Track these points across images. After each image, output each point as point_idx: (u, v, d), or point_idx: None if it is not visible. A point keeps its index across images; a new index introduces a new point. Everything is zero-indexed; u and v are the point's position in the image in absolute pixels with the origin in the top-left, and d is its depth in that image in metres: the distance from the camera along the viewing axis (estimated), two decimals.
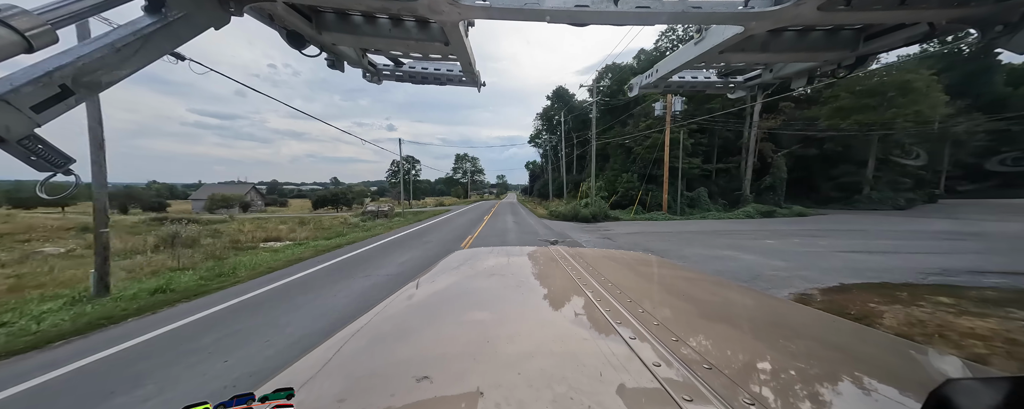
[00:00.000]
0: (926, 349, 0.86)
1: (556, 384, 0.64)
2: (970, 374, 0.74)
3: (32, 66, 0.76)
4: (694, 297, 1.33)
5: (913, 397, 0.62)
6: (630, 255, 2.08)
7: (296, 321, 4.75)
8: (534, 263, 1.69)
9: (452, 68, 1.95)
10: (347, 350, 0.88)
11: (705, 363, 0.69)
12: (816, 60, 1.61)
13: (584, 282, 1.29)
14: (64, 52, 0.81)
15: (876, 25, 1.39)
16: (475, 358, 0.76)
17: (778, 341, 0.91)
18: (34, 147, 0.78)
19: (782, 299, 1.26)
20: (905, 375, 0.77)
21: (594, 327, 0.91)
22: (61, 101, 0.79)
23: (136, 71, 0.93)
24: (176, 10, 0.96)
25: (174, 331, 4.53)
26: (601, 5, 1.18)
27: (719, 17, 1.22)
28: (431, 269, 1.66)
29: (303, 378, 0.74)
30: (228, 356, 3.72)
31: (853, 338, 0.97)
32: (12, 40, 0.72)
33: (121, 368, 3.57)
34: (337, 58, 1.65)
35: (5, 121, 0.71)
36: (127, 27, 0.90)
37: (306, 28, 1.33)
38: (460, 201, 53.07)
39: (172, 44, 0.98)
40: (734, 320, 1.10)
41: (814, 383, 0.70)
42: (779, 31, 1.45)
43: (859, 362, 0.82)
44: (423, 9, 1.16)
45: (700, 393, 0.60)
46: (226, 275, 7.56)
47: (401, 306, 1.18)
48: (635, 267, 1.74)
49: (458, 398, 0.62)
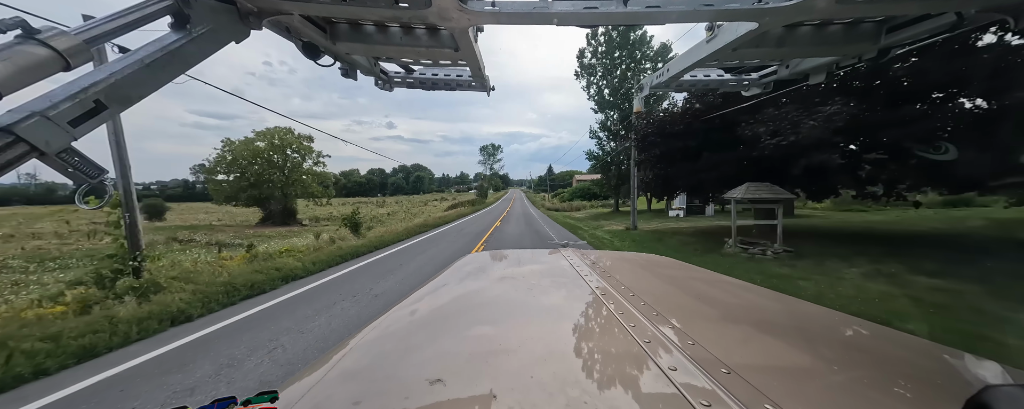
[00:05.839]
0: (962, 354, 0.82)
1: (570, 388, 0.63)
2: (1010, 380, 0.70)
3: (69, 83, 0.81)
4: (711, 299, 1.29)
5: (949, 405, 0.59)
6: (642, 256, 2.05)
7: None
8: (545, 266, 1.69)
9: (461, 74, 1.98)
10: (361, 353, 0.90)
11: (724, 368, 0.68)
12: (835, 54, 1.56)
13: (596, 284, 1.28)
14: (98, 69, 0.86)
15: (899, 16, 1.34)
16: (488, 361, 0.76)
17: (800, 345, 0.88)
18: (71, 160, 0.82)
19: (804, 301, 1.21)
20: (939, 381, 0.73)
21: (607, 330, 0.90)
22: (95, 115, 0.84)
23: (164, 85, 0.99)
24: (200, 26, 1.01)
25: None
26: (610, 6, 1.17)
27: (732, 14, 1.20)
28: (442, 273, 1.67)
29: (317, 380, 0.76)
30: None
31: (882, 342, 0.93)
32: (52, 59, 0.77)
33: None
34: (350, 67, 1.70)
35: (45, 136, 0.75)
36: (155, 44, 0.95)
37: (321, 39, 1.38)
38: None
39: (197, 58, 1.03)
40: (753, 323, 1.06)
41: (840, 390, 0.67)
42: (795, 26, 1.41)
43: (889, 367, 0.78)
44: (433, 16, 1.19)
45: (719, 399, 0.58)
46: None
47: (413, 310, 1.19)
48: (648, 268, 1.71)
49: (471, 401, 0.63)
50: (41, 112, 0.74)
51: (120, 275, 5.99)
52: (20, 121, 0.71)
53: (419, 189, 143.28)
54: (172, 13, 0.98)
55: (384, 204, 57.66)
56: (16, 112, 0.73)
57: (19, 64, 0.72)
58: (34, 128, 0.73)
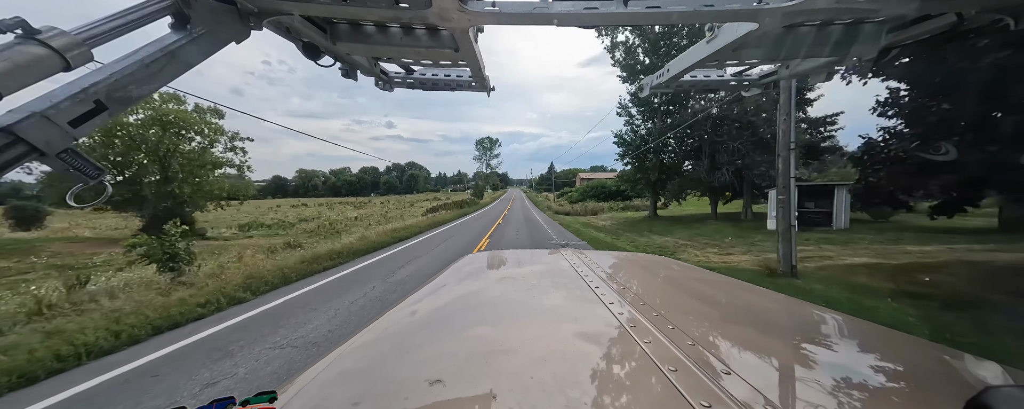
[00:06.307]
0: (962, 354, 0.82)
1: (569, 389, 0.63)
2: (1011, 381, 0.70)
3: (69, 83, 0.81)
4: (711, 299, 1.29)
5: (949, 406, 0.59)
6: (642, 257, 2.05)
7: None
8: (545, 266, 1.69)
9: (462, 74, 1.98)
10: (361, 354, 0.90)
11: (724, 368, 0.68)
12: (835, 55, 1.56)
13: (596, 285, 1.28)
14: (98, 70, 0.86)
15: (899, 17, 1.34)
16: (487, 362, 0.76)
17: (801, 345, 0.88)
18: (71, 160, 0.82)
19: (804, 302, 1.21)
20: (940, 382, 0.74)
21: (607, 331, 0.90)
22: (95, 116, 0.83)
23: (164, 85, 0.98)
24: (200, 27, 1.00)
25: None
26: (610, 6, 1.17)
27: (732, 14, 1.20)
28: (442, 273, 1.67)
29: (318, 381, 0.76)
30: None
31: (882, 343, 0.93)
32: (52, 59, 0.77)
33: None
34: (351, 67, 1.70)
35: (45, 136, 0.75)
36: (155, 44, 0.95)
37: (321, 39, 1.38)
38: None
39: (197, 59, 1.03)
40: (753, 323, 1.06)
41: (841, 391, 0.67)
42: (795, 26, 1.41)
43: (889, 368, 0.78)
44: (433, 17, 1.19)
45: (719, 399, 0.58)
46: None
47: (413, 310, 1.19)
48: (648, 269, 1.71)
49: (471, 401, 0.63)
50: (41, 112, 0.74)
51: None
52: (20, 121, 0.71)
53: (413, 188, 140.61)
54: (172, 13, 0.98)
55: (364, 205, 50.40)
56: (16, 112, 0.73)
57: (19, 64, 0.72)
58: (34, 128, 0.73)
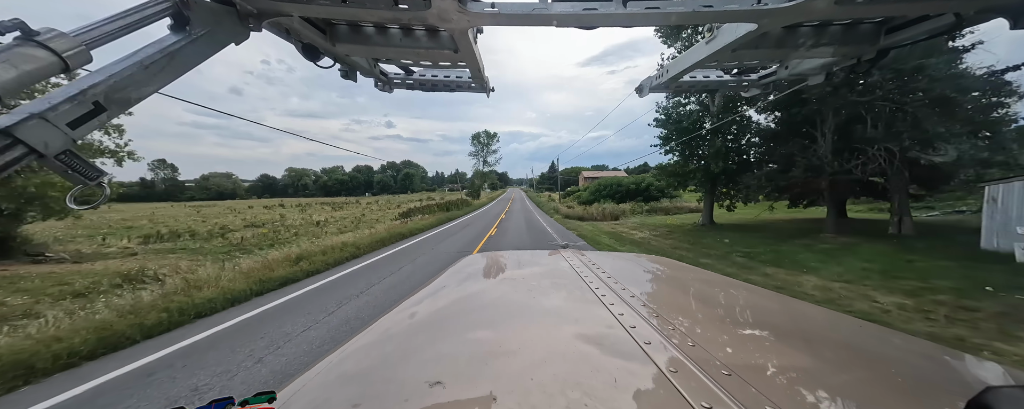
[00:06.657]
0: (963, 355, 0.82)
1: (570, 390, 0.63)
2: (1011, 381, 0.70)
3: (68, 85, 0.81)
4: (712, 300, 1.29)
5: (949, 406, 0.59)
6: (643, 257, 2.05)
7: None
8: (545, 267, 1.69)
9: (461, 75, 1.98)
10: (361, 355, 0.90)
11: (725, 369, 0.68)
12: (834, 55, 1.56)
13: (596, 286, 1.27)
14: (97, 71, 0.86)
15: (898, 17, 1.34)
16: (487, 363, 0.76)
17: (801, 346, 0.88)
18: (71, 161, 0.82)
19: (804, 302, 1.21)
20: (940, 382, 0.74)
21: (608, 332, 0.90)
22: (94, 117, 0.83)
23: (163, 87, 0.98)
24: (199, 28, 1.00)
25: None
26: (609, 7, 1.17)
27: (731, 15, 1.20)
28: (441, 275, 1.67)
29: (317, 382, 0.75)
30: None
31: (883, 343, 0.93)
32: (51, 61, 0.77)
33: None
34: (350, 68, 1.70)
35: (44, 137, 0.75)
36: (154, 45, 0.95)
37: (321, 41, 1.37)
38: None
39: (196, 60, 1.03)
40: (754, 324, 1.06)
41: (842, 391, 0.67)
42: (794, 27, 1.41)
43: (891, 369, 0.78)
44: (433, 18, 1.19)
45: (720, 400, 0.58)
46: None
47: (413, 312, 1.19)
48: (649, 269, 1.71)
49: (471, 403, 0.62)
50: (40, 114, 0.74)
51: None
52: (19, 123, 0.71)
53: (408, 188, 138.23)
54: (171, 15, 0.98)
55: (345, 207, 44.01)
56: (15, 114, 0.73)
57: (17, 66, 0.72)
58: (33, 130, 0.73)
